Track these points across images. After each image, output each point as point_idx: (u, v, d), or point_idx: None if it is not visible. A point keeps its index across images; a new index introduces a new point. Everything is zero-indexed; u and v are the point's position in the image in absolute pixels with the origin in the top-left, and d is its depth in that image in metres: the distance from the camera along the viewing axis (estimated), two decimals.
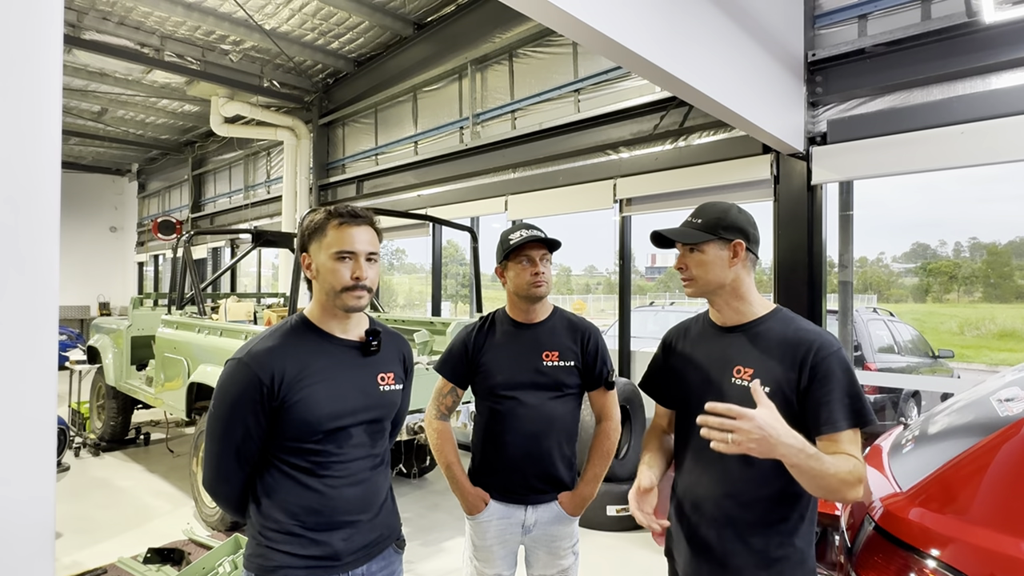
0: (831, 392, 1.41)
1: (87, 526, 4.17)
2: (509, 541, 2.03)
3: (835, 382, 1.41)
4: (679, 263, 1.60)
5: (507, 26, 6.04)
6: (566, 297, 28.93)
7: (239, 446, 1.45)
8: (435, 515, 4.42)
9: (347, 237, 1.48)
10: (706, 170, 4.69)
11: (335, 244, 1.48)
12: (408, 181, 7.42)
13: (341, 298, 1.49)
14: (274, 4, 6.70)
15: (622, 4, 2.38)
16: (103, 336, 6.12)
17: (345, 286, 1.48)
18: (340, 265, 1.48)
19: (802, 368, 1.44)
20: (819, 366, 1.42)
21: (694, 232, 1.55)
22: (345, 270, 1.48)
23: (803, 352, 1.44)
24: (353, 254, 1.48)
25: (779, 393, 1.45)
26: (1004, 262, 26.65)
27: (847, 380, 1.42)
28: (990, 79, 3.50)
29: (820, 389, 1.42)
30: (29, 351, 0.98)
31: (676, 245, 1.60)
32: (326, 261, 1.49)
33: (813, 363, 1.43)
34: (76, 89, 9.17)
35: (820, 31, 4.10)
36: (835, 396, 1.40)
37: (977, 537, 1.38)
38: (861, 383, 1.47)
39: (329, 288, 1.49)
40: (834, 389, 1.41)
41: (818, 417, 1.41)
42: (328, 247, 1.49)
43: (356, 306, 1.51)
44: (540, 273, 1.96)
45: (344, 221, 1.50)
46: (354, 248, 1.48)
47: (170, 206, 13.99)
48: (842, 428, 1.39)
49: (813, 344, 1.45)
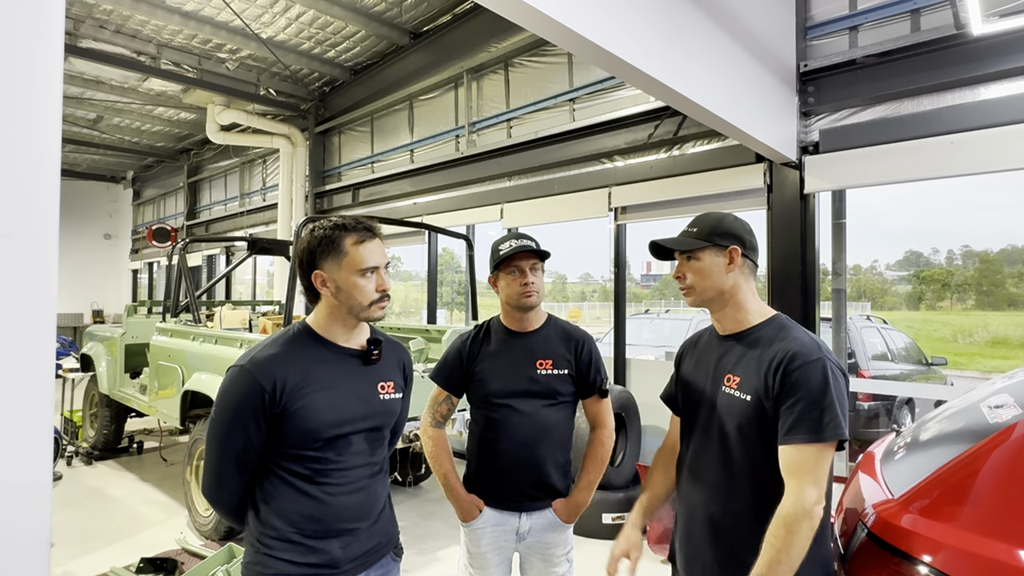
0: (798, 403, 1.38)
1: (79, 535, 4.13)
2: (504, 548, 2.03)
3: (804, 392, 1.38)
4: (677, 272, 1.62)
5: (503, 36, 6.08)
6: (562, 304, 28.94)
7: (239, 453, 1.46)
8: (431, 523, 4.41)
9: (369, 254, 1.52)
10: (700, 179, 4.73)
11: (359, 262, 1.51)
12: (404, 189, 7.44)
13: (368, 311, 1.54)
14: (271, 13, 6.73)
15: (616, 15, 2.41)
16: (97, 344, 6.09)
17: (373, 300, 1.53)
18: (365, 281, 1.51)
19: (775, 377, 1.43)
20: (791, 375, 1.40)
21: (690, 240, 1.58)
22: (370, 285, 1.52)
23: (777, 361, 1.43)
24: (376, 269, 1.53)
25: (757, 402, 1.45)
26: (996, 270, 26.87)
27: (820, 391, 1.37)
28: (979, 90, 3.55)
29: (787, 399, 1.40)
30: (27, 359, 0.99)
31: (675, 255, 1.63)
32: (349, 278, 1.51)
33: (785, 371, 1.41)
34: (72, 97, 9.16)
35: (812, 42, 4.15)
36: (800, 407, 1.38)
37: (968, 543, 1.39)
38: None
39: (356, 304, 1.52)
40: (801, 399, 1.38)
41: (782, 426, 1.40)
42: (351, 265, 1.51)
43: (381, 316, 1.57)
44: (529, 283, 1.97)
45: (363, 238, 1.53)
46: (378, 262, 1.54)
47: (165, 213, 13.96)
48: (802, 441, 1.36)
49: (788, 353, 1.43)
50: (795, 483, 1.36)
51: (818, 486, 1.35)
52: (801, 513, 1.33)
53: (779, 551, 1.33)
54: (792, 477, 1.37)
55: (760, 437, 1.45)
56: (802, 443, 1.36)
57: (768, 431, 1.44)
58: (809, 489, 1.34)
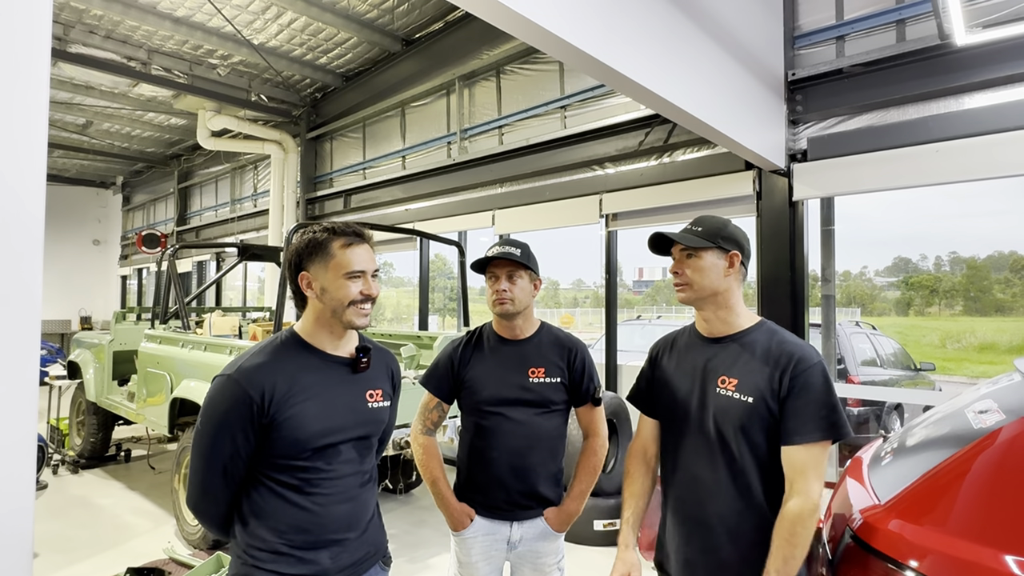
0: (807, 404, 1.46)
1: (65, 545, 4.08)
2: (494, 558, 2.02)
3: (812, 394, 1.46)
4: (675, 267, 1.64)
5: (494, 43, 6.11)
6: (554, 311, 28.98)
7: (226, 464, 1.44)
8: (421, 531, 4.38)
9: (356, 258, 1.51)
10: (690, 186, 4.77)
11: (345, 265, 1.50)
12: (396, 195, 7.44)
13: (347, 314, 1.50)
14: (263, 19, 6.73)
15: (605, 24, 2.43)
16: (84, 351, 6.03)
17: (352, 299, 1.49)
18: (350, 283, 1.50)
19: (782, 379, 1.49)
20: (798, 378, 1.48)
21: (695, 237, 1.61)
22: (355, 287, 1.50)
23: (784, 364, 1.50)
24: (362, 273, 1.51)
25: (761, 403, 1.50)
26: (983, 276, 27.18)
27: (824, 393, 1.46)
28: (963, 99, 3.61)
29: (796, 400, 1.47)
30: (9, 365, 0.98)
31: (672, 251, 1.66)
32: (335, 280, 1.50)
33: (792, 375, 1.48)
34: (61, 102, 9.11)
35: (800, 51, 4.20)
36: (809, 408, 1.46)
37: (954, 548, 1.40)
38: (844, 396, 1.51)
39: (339, 306, 1.50)
40: (810, 402, 1.46)
41: (790, 427, 1.47)
42: (337, 268, 1.50)
43: (360, 324, 1.52)
44: (502, 291, 1.97)
45: (351, 241, 1.52)
46: (363, 267, 1.51)
47: (155, 219, 13.87)
48: (813, 439, 1.44)
49: (793, 356, 1.50)
50: (802, 481, 1.44)
51: (821, 481, 1.45)
52: (811, 509, 1.42)
53: (793, 546, 1.41)
54: (799, 475, 1.44)
55: (765, 436, 1.51)
56: (811, 442, 1.44)
57: (772, 430, 1.51)
58: (814, 485, 1.43)
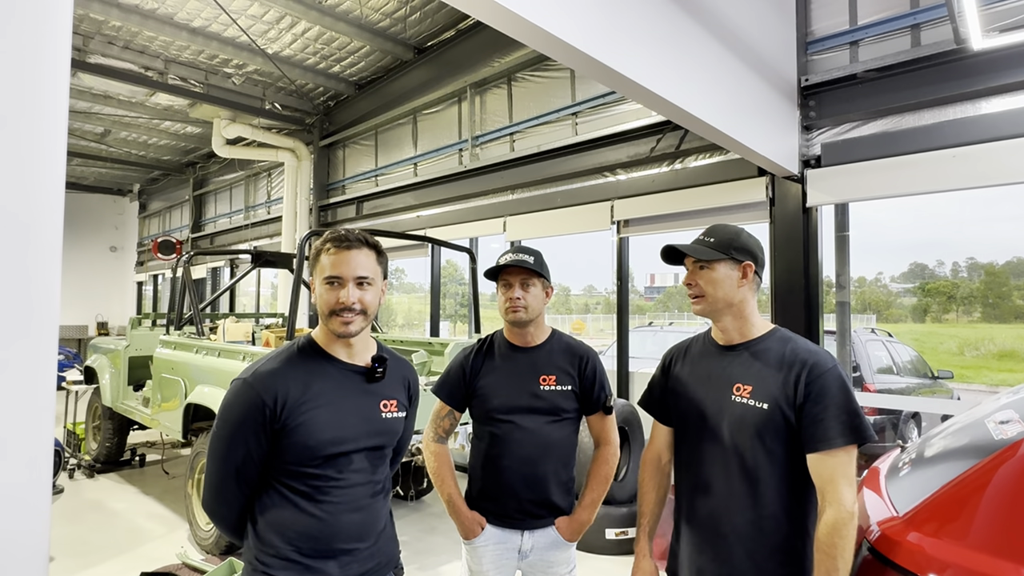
0: (826, 409, 1.43)
1: (80, 549, 4.12)
2: (505, 566, 2.01)
3: (830, 399, 1.44)
4: (688, 279, 1.63)
5: (506, 51, 6.14)
6: (565, 317, 28.91)
7: (240, 467, 1.45)
8: (432, 538, 4.38)
9: (335, 262, 1.49)
10: (702, 192, 4.74)
11: (323, 270, 1.50)
12: (408, 202, 7.47)
13: (330, 323, 1.50)
14: (277, 29, 6.81)
15: (617, 31, 2.43)
16: (100, 356, 6.10)
17: (332, 310, 1.48)
18: (329, 290, 1.49)
19: (796, 385, 1.47)
20: (813, 384, 1.46)
21: (708, 249, 1.59)
22: (332, 295, 1.49)
23: (798, 370, 1.48)
24: (340, 279, 1.48)
25: (777, 410, 1.48)
26: (1002, 282, 26.74)
27: (843, 397, 1.44)
28: (980, 104, 3.56)
29: (815, 407, 1.44)
30: (28, 371, 0.99)
31: (685, 262, 1.64)
32: (320, 287, 1.51)
33: (808, 381, 1.46)
34: (80, 111, 9.27)
35: (813, 57, 4.18)
36: (830, 413, 1.43)
37: (973, 562, 1.37)
38: (861, 404, 1.48)
39: (320, 313, 1.52)
40: (829, 406, 1.43)
41: (813, 435, 1.44)
42: (320, 273, 1.51)
43: (344, 332, 1.49)
44: (515, 299, 1.96)
45: (333, 246, 1.50)
46: (340, 273, 1.48)
47: (170, 226, 14.05)
48: (837, 444, 1.41)
49: (807, 362, 1.48)
50: (833, 489, 1.41)
51: (852, 488, 1.41)
52: (847, 516, 1.38)
53: (833, 559, 1.37)
54: (829, 484, 1.41)
55: (781, 444, 1.49)
56: (835, 448, 1.41)
57: (789, 438, 1.48)
58: (846, 491, 1.40)
